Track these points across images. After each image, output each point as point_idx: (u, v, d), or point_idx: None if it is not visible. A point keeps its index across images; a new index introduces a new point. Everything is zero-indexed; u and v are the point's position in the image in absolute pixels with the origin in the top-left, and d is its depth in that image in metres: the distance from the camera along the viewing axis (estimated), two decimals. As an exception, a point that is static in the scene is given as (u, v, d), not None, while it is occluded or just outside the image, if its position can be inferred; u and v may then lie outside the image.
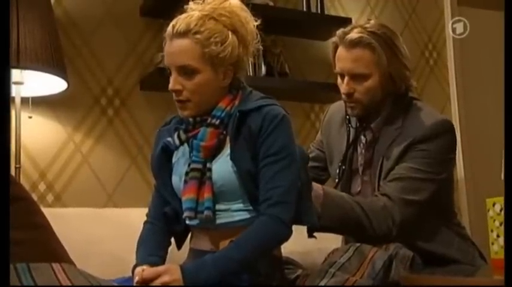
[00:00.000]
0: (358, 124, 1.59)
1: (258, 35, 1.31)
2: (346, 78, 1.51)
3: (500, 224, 0.93)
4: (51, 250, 0.97)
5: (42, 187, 1.95)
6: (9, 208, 0.90)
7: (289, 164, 1.23)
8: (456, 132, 2.73)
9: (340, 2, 2.58)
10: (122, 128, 2.10)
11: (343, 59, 1.51)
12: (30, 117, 1.86)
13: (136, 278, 1.13)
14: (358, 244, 1.22)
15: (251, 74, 2.23)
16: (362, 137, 1.58)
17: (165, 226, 1.31)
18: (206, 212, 1.20)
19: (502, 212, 0.92)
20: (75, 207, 1.91)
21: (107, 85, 2.09)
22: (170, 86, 1.25)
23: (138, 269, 1.16)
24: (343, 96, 1.54)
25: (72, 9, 2.06)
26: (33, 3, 1.74)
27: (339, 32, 1.54)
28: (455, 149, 1.57)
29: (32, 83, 1.84)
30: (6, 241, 0.86)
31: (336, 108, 1.70)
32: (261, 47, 1.34)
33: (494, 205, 0.95)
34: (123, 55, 2.13)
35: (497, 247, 0.95)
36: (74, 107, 2.03)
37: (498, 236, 0.94)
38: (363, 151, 1.57)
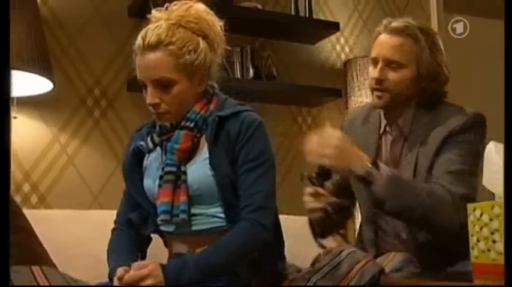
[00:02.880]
0: (384, 121, 1.53)
1: (223, 40, 1.30)
2: (380, 64, 1.44)
3: (480, 229, 0.95)
4: (32, 252, 0.96)
5: (26, 187, 1.93)
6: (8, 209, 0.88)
7: (268, 169, 1.25)
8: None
9: (328, 6, 2.59)
10: (109, 129, 2.08)
11: (383, 44, 1.45)
12: (15, 117, 1.84)
13: (118, 274, 1.12)
14: (352, 249, 1.20)
15: (239, 76, 2.24)
16: (388, 135, 1.52)
17: (133, 232, 1.31)
18: (181, 215, 1.20)
19: (482, 217, 0.94)
20: (59, 208, 1.89)
21: (94, 86, 2.08)
22: (148, 100, 1.24)
23: (121, 269, 1.14)
24: (372, 82, 1.46)
25: (58, 8, 2.05)
26: (18, 2, 1.72)
27: (385, 20, 1.50)
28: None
29: (17, 83, 1.82)
30: (6, 242, 0.84)
31: (358, 111, 1.64)
32: (228, 47, 1.34)
33: (474, 210, 0.96)
34: (110, 56, 2.12)
35: (477, 252, 0.96)
36: (60, 107, 2.01)
37: (478, 240, 0.95)
38: (388, 148, 1.51)
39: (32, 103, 1.94)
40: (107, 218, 1.81)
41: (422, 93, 1.47)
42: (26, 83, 1.84)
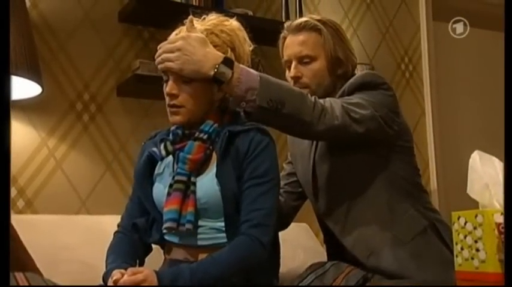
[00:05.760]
0: None
1: (249, 60, 1.34)
2: (293, 63, 1.49)
3: (465, 237, 0.96)
4: (16, 258, 0.95)
5: (13, 192, 1.91)
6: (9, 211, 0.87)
7: (272, 187, 1.26)
8: (430, 145, 2.67)
9: (319, 13, 2.61)
10: (97, 134, 2.08)
11: (290, 44, 1.51)
12: (2, 121, 1.82)
13: (114, 278, 1.11)
14: (335, 261, 1.22)
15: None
16: None
17: (136, 237, 1.31)
18: (187, 225, 1.21)
19: (466, 226, 0.95)
20: (46, 213, 1.88)
21: (83, 90, 2.07)
22: (167, 89, 1.26)
23: (117, 272, 1.13)
24: (291, 83, 1.50)
25: (48, 12, 2.04)
26: (8, 5, 1.71)
27: (286, 24, 1.56)
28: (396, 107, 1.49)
29: (5, 86, 1.81)
30: (6, 243, 0.83)
31: None
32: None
33: (459, 218, 0.97)
34: (100, 60, 2.11)
35: (461, 260, 0.97)
36: (49, 111, 2.00)
37: (462, 248, 0.96)
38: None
39: (20, 107, 1.93)
40: (95, 223, 1.81)
41: (341, 80, 1.49)
42: (14, 87, 1.83)
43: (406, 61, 2.84)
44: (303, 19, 1.53)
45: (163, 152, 1.29)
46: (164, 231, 1.24)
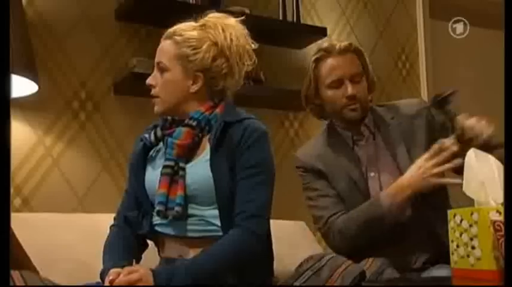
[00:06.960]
0: (348, 133, 1.64)
1: (251, 57, 1.34)
2: (347, 82, 1.57)
3: (460, 235, 0.96)
4: (12, 257, 0.95)
5: (9, 190, 1.91)
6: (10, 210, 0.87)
7: (266, 178, 1.26)
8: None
9: (316, 11, 2.61)
10: (94, 132, 2.07)
11: (340, 65, 1.58)
12: (-1, 119, 1.82)
13: (111, 278, 1.11)
14: (332, 255, 1.22)
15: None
16: (359, 142, 1.61)
17: (129, 230, 1.32)
18: (176, 208, 1.22)
19: (462, 223, 0.96)
20: (43, 212, 1.88)
21: (80, 89, 2.07)
22: (147, 80, 1.33)
23: (113, 271, 1.14)
24: (344, 101, 1.57)
25: (45, 10, 2.03)
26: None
27: (325, 46, 1.62)
28: None
29: (1, 84, 1.81)
30: (6, 243, 0.83)
31: (313, 145, 1.70)
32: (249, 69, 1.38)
33: (454, 216, 0.98)
34: (96, 58, 2.10)
35: (456, 257, 0.97)
36: (45, 110, 2.00)
37: (458, 246, 0.97)
38: (366, 155, 1.59)
39: (17, 105, 1.92)
40: (91, 222, 1.81)
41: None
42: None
43: (403, 59, 2.84)
44: (345, 42, 1.63)
45: (153, 137, 1.33)
46: (156, 219, 1.25)
